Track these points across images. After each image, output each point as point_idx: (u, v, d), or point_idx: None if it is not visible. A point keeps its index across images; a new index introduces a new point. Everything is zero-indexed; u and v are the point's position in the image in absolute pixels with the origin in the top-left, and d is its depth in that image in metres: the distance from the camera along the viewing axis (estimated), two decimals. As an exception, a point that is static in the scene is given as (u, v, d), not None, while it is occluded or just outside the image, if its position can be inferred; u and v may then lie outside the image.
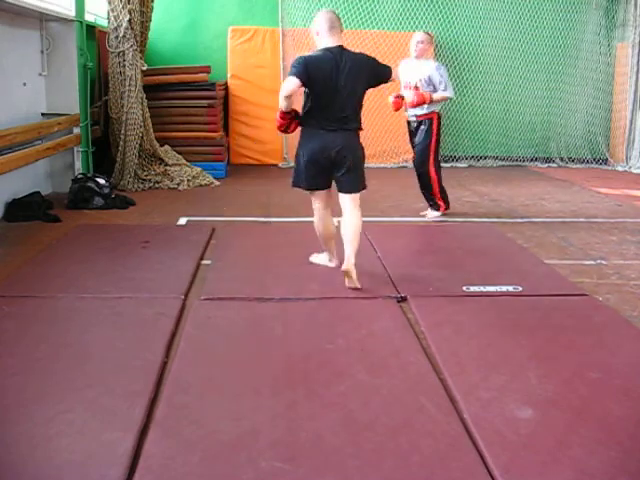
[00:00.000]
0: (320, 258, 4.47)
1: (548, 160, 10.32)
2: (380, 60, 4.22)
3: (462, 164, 10.08)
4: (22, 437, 2.35)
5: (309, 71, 3.85)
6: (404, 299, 3.89)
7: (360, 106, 4.10)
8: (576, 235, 5.61)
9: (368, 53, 4.26)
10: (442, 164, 10.00)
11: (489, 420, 2.54)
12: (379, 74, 4.13)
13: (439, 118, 6.09)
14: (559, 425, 2.52)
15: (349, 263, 3.93)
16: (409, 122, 6.23)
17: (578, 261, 4.81)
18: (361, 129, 4.15)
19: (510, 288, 4.08)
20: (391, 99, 5.81)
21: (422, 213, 6.23)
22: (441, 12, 9.84)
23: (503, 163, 10.14)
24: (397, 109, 5.86)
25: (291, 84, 3.83)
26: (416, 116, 6.02)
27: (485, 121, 10.17)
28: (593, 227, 5.93)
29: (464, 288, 4.05)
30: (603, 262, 4.79)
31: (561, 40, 10.09)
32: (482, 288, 4.06)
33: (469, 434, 2.44)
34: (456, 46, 10.00)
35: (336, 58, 3.90)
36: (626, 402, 2.71)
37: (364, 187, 4.23)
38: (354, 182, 4.13)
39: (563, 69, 10.20)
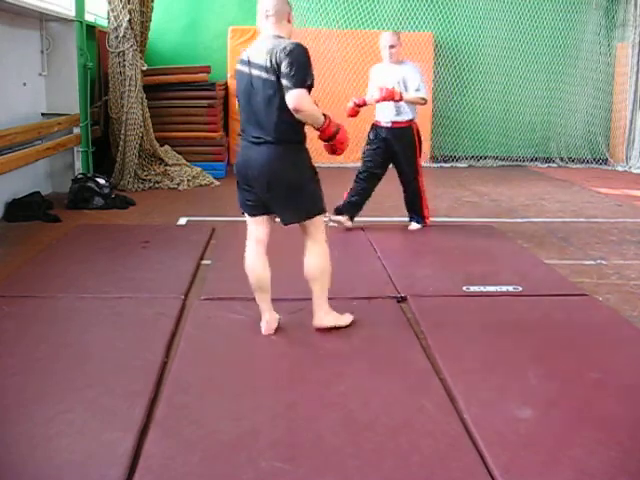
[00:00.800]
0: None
1: (548, 160, 10.33)
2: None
3: (462, 164, 10.08)
4: (22, 437, 2.35)
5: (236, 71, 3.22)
6: (404, 299, 3.89)
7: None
8: (576, 235, 5.61)
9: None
10: (442, 164, 10.18)
11: (489, 420, 2.54)
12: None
13: (418, 130, 5.43)
14: (559, 425, 2.52)
15: (316, 318, 3.34)
16: (377, 127, 5.47)
17: (578, 261, 4.81)
18: (299, 142, 3.19)
19: (510, 288, 4.08)
20: (350, 104, 5.29)
21: (410, 228, 5.60)
22: (441, 12, 9.84)
23: (503, 163, 10.15)
24: (351, 116, 5.30)
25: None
26: (392, 122, 5.32)
27: (485, 121, 10.17)
28: (593, 227, 5.93)
29: (464, 288, 4.05)
30: (603, 262, 4.79)
31: (561, 40, 10.09)
32: (482, 288, 4.06)
33: (469, 434, 2.44)
34: (456, 46, 10.00)
35: (256, 49, 3.12)
36: (626, 402, 2.71)
37: (315, 213, 3.23)
38: (291, 209, 3.20)
39: (563, 69, 10.21)
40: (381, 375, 2.92)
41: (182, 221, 5.89)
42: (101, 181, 6.49)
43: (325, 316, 3.37)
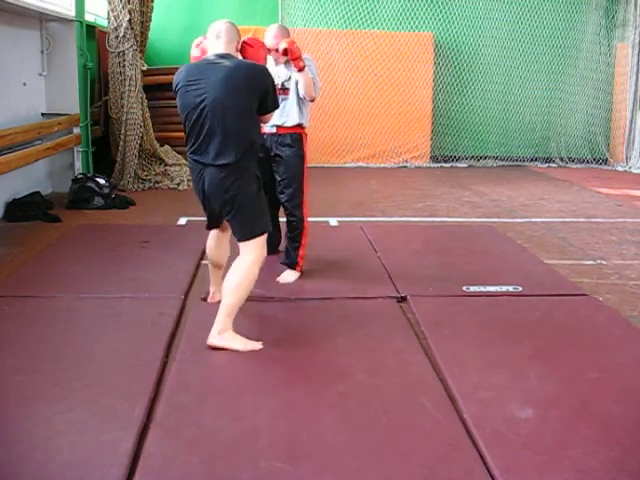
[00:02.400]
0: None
1: (548, 160, 10.33)
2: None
3: (462, 164, 10.09)
4: (22, 437, 2.35)
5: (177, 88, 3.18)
6: (404, 299, 3.89)
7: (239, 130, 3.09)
8: (576, 235, 5.61)
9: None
10: (442, 164, 10.18)
11: (489, 420, 2.54)
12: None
13: (306, 139, 4.21)
14: (559, 425, 2.52)
15: (211, 334, 3.12)
16: (264, 136, 4.03)
17: (578, 261, 4.81)
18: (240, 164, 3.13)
19: (510, 288, 4.08)
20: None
21: (278, 279, 4.18)
22: (441, 12, 9.84)
23: (503, 163, 10.15)
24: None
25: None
26: (277, 127, 4.07)
27: (485, 121, 10.18)
28: (593, 227, 5.93)
29: (464, 288, 4.05)
30: (603, 262, 4.79)
31: (561, 40, 10.10)
32: (482, 288, 4.06)
33: (469, 434, 2.44)
34: (456, 46, 10.01)
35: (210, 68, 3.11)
36: (626, 402, 2.71)
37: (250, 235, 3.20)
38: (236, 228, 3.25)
39: (563, 69, 10.22)
40: (381, 375, 2.92)
41: (182, 221, 5.89)
42: (101, 181, 6.49)
43: (217, 337, 3.13)
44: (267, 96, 3.17)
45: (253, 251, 3.18)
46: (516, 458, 2.30)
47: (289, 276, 4.17)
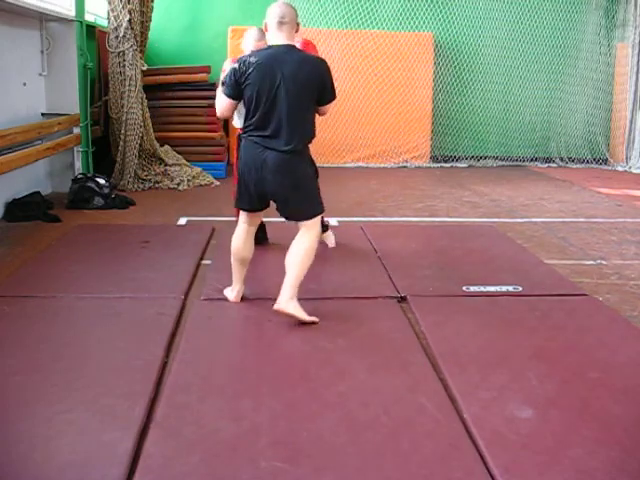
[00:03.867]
0: (226, 291, 3.83)
1: (548, 160, 10.33)
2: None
3: (462, 164, 10.09)
4: (22, 437, 2.35)
5: (240, 78, 3.34)
6: (404, 299, 3.89)
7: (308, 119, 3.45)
8: (576, 235, 5.61)
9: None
10: (442, 164, 10.19)
11: (489, 420, 2.54)
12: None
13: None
14: (559, 425, 2.52)
15: (282, 300, 3.39)
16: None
17: (578, 261, 4.81)
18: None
19: (510, 288, 4.08)
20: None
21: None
22: (441, 12, 9.84)
23: (503, 163, 10.15)
24: None
25: (221, 104, 3.47)
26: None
27: (485, 121, 10.17)
28: (593, 227, 5.93)
29: (464, 288, 4.05)
30: (603, 262, 4.79)
31: (561, 40, 10.10)
32: (482, 288, 4.06)
33: (469, 434, 2.44)
34: (456, 46, 10.00)
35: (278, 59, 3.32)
36: (626, 402, 2.71)
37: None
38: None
39: (563, 69, 10.21)
40: (381, 375, 2.92)
41: (182, 221, 5.90)
42: (101, 181, 6.49)
43: (287, 301, 3.39)
44: (327, 89, 3.46)
45: (314, 228, 3.49)
46: (516, 458, 2.30)
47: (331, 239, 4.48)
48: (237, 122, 4.13)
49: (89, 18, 7.80)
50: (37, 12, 6.34)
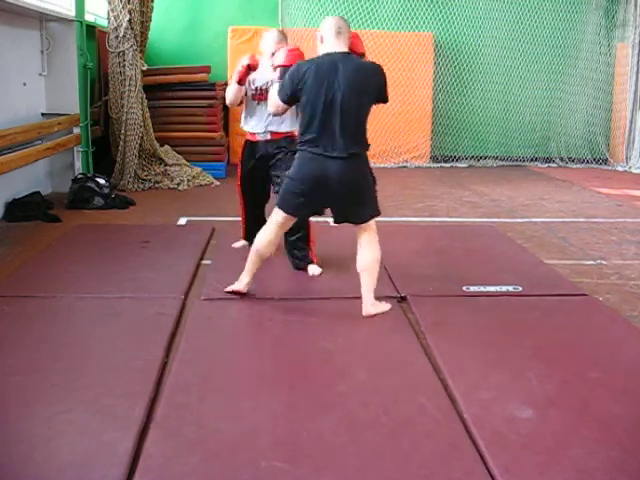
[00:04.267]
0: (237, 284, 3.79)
1: (548, 160, 10.33)
2: (379, 60, 4.02)
3: (462, 164, 10.09)
4: (22, 437, 2.35)
5: (297, 83, 3.39)
6: (404, 299, 3.89)
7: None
8: (576, 235, 5.61)
9: (368, 53, 4.08)
10: (442, 164, 10.18)
11: (489, 420, 2.54)
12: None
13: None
14: (559, 425, 2.52)
15: (367, 305, 3.58)
16: (254, 143, 4.34)
17: (578, 261, 4.81)
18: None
19: (510, 288, 4.08)
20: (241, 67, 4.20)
21: (312, 273, 4.29)
22: (441, 12, 9.84)
23: (503, 163, 10.15)
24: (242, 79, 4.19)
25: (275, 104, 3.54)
26: (271, 134, 4.26)
27: (485, 121, 10.17)
28: (593, 227, 5.93)
29: (464, 288, 4.05)
30: (603, 262, 4.79)
31: (561, 40, 10.10)
32: (482, 288, 4.06)
33: (469, 434, 2.44)
34: (456, 46, 10.00)
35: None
36: (626, 402, 2.71)
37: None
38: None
39: (563, 69, 10.21)
40: (381, 375, 2.92)
41: (182, 221, 5.90)
42: (101, 181, 6.49)
43: (371, 305, 3.59)
44: (381, 94, 3.54)
45: (374, 230, 3.61)
46: (516, 458, 2.30)
47: (316, 269, 4.28)
48: (294, 124, 4.16)
49: (89, 18, 7.79)
50: (37, 12, 6.34)
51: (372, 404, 2.65)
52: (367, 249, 3.58)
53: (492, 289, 4.05)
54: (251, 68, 4.15)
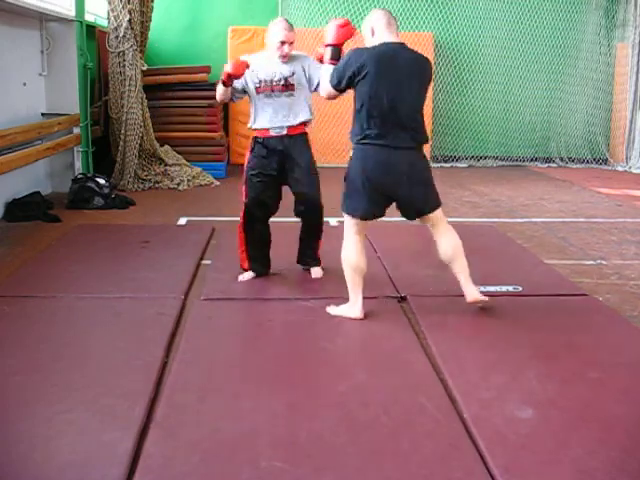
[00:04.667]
0: (343, 309, 3.58)
1: (548, 160, 10.33)
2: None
3: (462, 164, 10.08)
4: (22, 437, 2.35)
5: (356, 70, 3.24)
6: (404, 299, 3.89)
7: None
8: (576, 235, 5.61)
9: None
10: (442, 164, 10.17)
11: (489, 420, 2.54)
12: None
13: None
14: (559, 425, 2.52)
15: (469, 294, 3.59)
16: (266, 140, 3.99)
17: (578, 261, 4.81)
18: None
19: (510, 288, 4.08)
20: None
21: (313, 275, 4.25)
22: (441, 12, 9.84)
23: (503, 163, 10.15)
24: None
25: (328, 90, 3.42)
26: (287, 128, 3.95)
27: (485, 121, 10.17)
28: (593, 227, 5.93)
29: (321, 271, 4.05)
30: (603, 262, 4.79)
31: (561, 40, 10.10)
32: (482, 288, 4.04)
33: (469, 434, 2.44)
34: (456, 46, 10.00)
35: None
36: (626, 402, 2.71)
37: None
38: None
39: (563, 69, 10.21)
40: (381, 375, 2.92)
41: (182, 221, 5.89)
42: (101, 181, 6.49)
43: (476, 289, 3.58)
44: (428, 86, 3.49)
45: (444, 216, 3.58)
46: (516, 458, 2.30)
47: (319, 272, 4.24)
48: (309, 113, 4.04)
49: (89, 18, 7.80)
50: (37, 12, 6.34)
51: (372, 404, 2.65)
52: (446, 237, 3.54)
53: (492, 289, 4.04)
54: (232, 76, 3.80)
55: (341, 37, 3.44)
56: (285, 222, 6.06)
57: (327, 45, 3.48)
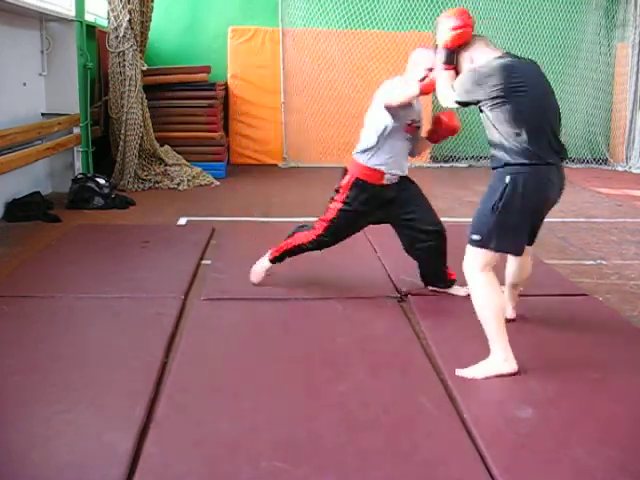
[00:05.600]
0: (491, 368, 2.92)
1: (548, 160, 10.31)
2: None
3: (462, 164, 10.08)
4: (21, 437, 2.35)
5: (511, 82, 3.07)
6: (404, 299, 3.88)
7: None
8: (576, 235, 5.61)
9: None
10: (442, 164, 10.17)
11: (489, 420, 2.54)
12: None
13: None
14: (559, 425, 2.52)
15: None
16: (377, 186, 3.72)
17: (578, 261, 4.81)
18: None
19: (510, 288, 4.07)
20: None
21: (457, 291, 3.96)
22: (441, 12, 9.80)
23: (503, 163, 10.12)
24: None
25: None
26: (401, 176, 3.79)
27: (485, 121, 10.15)
28: (593, 227, 5.93)
29: (464, 288, 4.03)
30: (603, 262, 4.79)
31: (561, 40, 10.09)
32: (482, 288, 4.04)
33: (469, 434, 2.44)
34: (456, 46, 9.99)
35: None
36: (626, 402, 2.71)
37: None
38: None
39: (563, 69, 10.20)
40: (381, 375, 2.92)
41: (182, 221, 5.89)
42: (101, 181, 6.49)
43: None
44: None
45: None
46: (516, 458, 2.30)
47: (460, 290, 3.89)
48: (369, 157, 3.75)
49: (89, 18, 7.79)
50: (37, 12, 6.33)
51: (372, 404, 2.65)
52: (526, 266, 3.34)
53: (492, 289, 4.04)
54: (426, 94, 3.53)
55: (459, 40, 3.23)
56: (285, 222, 6.05)
57: (446, 47, 3.26)
